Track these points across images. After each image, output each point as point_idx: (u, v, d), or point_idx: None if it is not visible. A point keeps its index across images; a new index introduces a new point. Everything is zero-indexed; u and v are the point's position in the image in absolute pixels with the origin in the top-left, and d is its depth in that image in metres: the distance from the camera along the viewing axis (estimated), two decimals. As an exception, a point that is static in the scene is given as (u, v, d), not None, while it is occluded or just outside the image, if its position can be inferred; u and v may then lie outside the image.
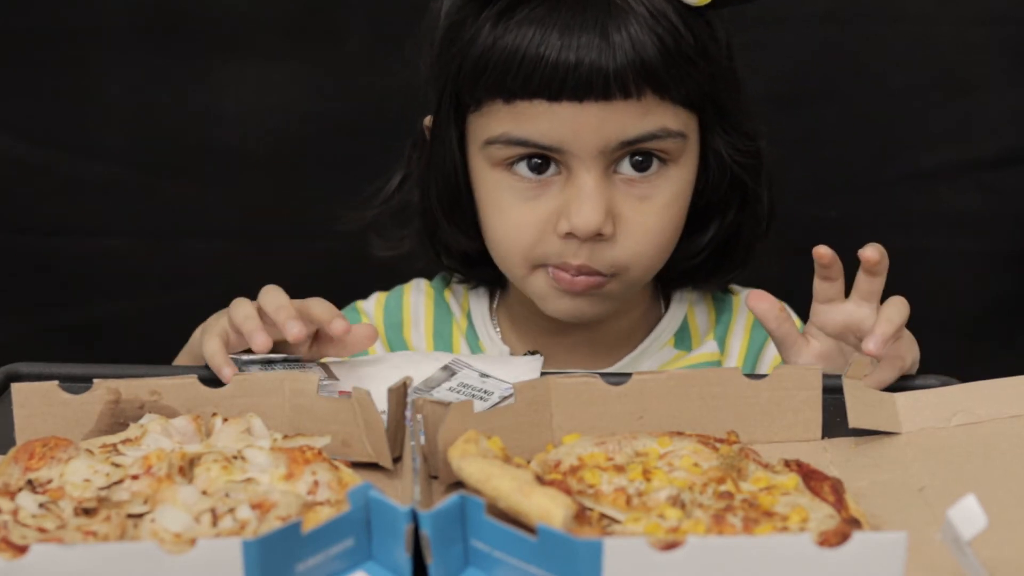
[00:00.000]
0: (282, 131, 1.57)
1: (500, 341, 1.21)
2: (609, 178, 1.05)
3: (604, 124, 1.02)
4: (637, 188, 1.06)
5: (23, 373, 1.02)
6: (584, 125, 1.02)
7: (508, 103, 1.03)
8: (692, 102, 1.06)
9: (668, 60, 1.02)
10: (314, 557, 0.77)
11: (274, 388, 0.93)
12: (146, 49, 1.54)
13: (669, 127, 1.04)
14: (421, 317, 1.23)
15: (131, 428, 0.90)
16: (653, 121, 1.03)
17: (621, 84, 1.01)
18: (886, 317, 0.95)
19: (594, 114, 1.02)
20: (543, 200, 1.06)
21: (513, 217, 1.07)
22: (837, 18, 1.51)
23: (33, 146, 1.57)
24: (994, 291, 1.59)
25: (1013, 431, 0.92)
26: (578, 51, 1.00)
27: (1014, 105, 1.52)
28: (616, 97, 1.01)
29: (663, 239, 1.09)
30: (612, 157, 1.04)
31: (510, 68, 1.02)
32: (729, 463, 0.85)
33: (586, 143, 1.03)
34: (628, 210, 1.06)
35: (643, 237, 1.07)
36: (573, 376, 0.92)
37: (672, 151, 1.06)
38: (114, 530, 0.78)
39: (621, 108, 1.02)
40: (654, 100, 1.03)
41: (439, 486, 0.87)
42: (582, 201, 1.04)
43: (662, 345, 1.20)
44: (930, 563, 0.78)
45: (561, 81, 1.00)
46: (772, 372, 0.93)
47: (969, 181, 1.55)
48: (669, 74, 1.02)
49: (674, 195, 1.08)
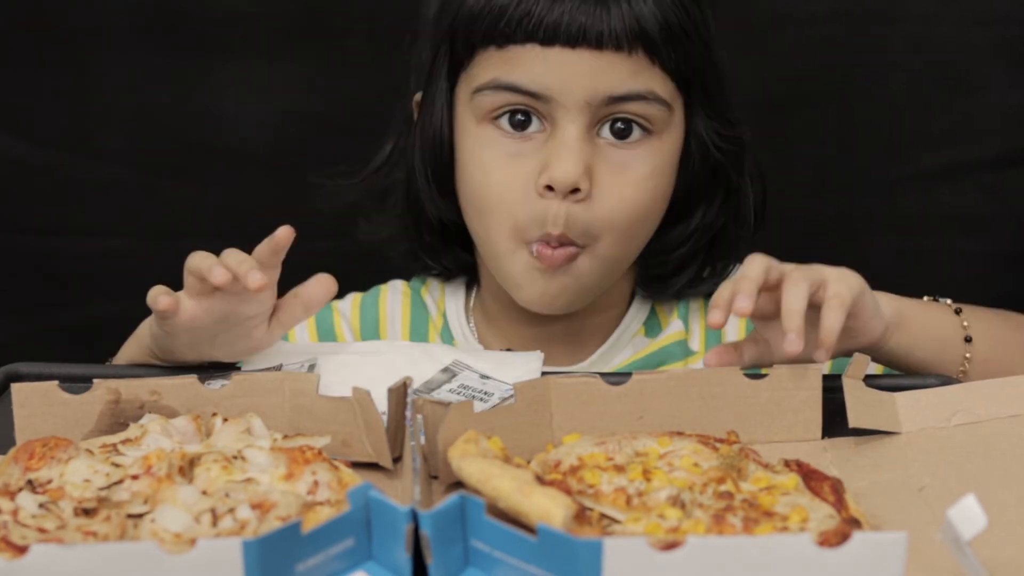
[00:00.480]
0: (282, 131, 1.57)
1: (475, 340, 1.21)
2: (591, 138, 1.06)
3: (594, 74, 1.03)
4: (617, 154, 1.06)
5: (23, 373, 1.02)
6: (574, 73, 1.03)
7: (501, 48, 1.05)
8: (681, 75, 1.07)
9: (663, 26, 1.03)
10: (314, 557, 0.77)
11: (274, 388, 0.93)
12: (146, 49, 1.54)
13: (657, 92, 1.05)
14: (397, 316, 1.24)
15: (131, 428, 0.90)
16: (642, 81, 1.04)
17: (615, 37, 1.02)
18: (827, 326, 0.93)
19: (586, 62, 1.03)
20: (525, 157, 1.06)
21: (496, 174, 1.08)
22: (837, 18, 1.51)
23: (33, 146, 1.57)
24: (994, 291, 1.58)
25: (1013, 431, 0.92)
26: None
27: (1014, 105, 1.52)
28: (608, 48, 1.03)
29: (638, 211, 1.08)
30: (597, 115, 1.05)
31: (506, 12, 1.03)
32: (729, 463, 0.85)
33: (574, 92, 1.04)
34: (606, 174, 1.06)
35: (618, 204, 1.07)
36: (573, 376, 0.92)
37: (656, 120, 1.06)
38: (114, 530, 0.78)
39: (612, 61, 1.03)
40: (645, 61, 1.04)
41: (439, 486, 0.87)
42: (562, 153, 1.04)
43: (633, 335, 1.20)
44: (930, 563, 0.78)
45: (555, 26, 1.02)
46: (772, 372, 0.93)
47: (969, 181, 1.55)
48: (662, 39, 1.03)
49: (654, 168, 1.08)
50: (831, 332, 0.93)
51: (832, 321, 0.93)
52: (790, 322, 0.92)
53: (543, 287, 1.09)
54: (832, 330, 0.93)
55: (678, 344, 1.20)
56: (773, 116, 1.26)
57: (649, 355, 1.19)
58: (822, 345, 0.93)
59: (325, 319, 1.24)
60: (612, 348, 1.19)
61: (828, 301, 0.94)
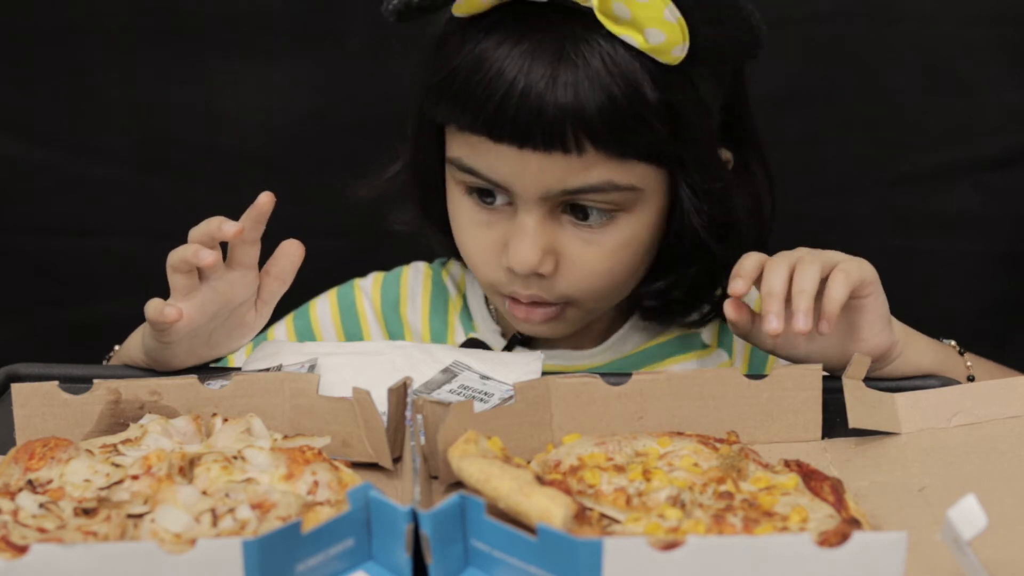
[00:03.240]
0: (282, 131, 1.57)
1: (493, 322, 1.21)
2: (555, 218, 1.04)
3: (544, 172, 1.01)
4: (583, 232, 1.05)
5: (23, 373, 1.02)
6: (524, 170, 1.01)
7: (460, 131, 1.04)
8: (652, 157, 1.03)
9: (614, 118, 0.99)
10: (314, 557, 0.77)
11: (274, 388, 0.93)
12: (146, 49, 1.54)
13: (616, 181, 1.02)
14: (418, 295, 1.24)
15: (131, 428, 0.90)
16: (597, 175, 1.01)
17: (560, 138, 0.99)
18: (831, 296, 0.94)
19: (535, 161, 1.00)
20: (493, 228, 1.06)
21: (469, 239, 1.08)
22: (837, 18, 1.51)
23: (33, 146, 1.57)
24: (993, 291, 1.59)
25: (1013, 431, 0.92)
26: (520, 98, 0.98)
27: (1014, 105, 1.52)
28: (556, 150, 1.00)
29: (612, 279, 1.07)
30: (556, 201, 1.03)
31: (459, 100, 1.01)
32: (729, 463, 0.85)
33: (527, 187, 1.02)
34: (573, 250, 1.05)
35: (589, 276, 1.06)
36: (573, 376, 0.92)
37: (621, 203, 1.04)
38: (114, 530, 0.78)
39: (562, 160, 1.00)
40: (598, 155, 1.01)
41: (439, 486, 0.87)
42: (519, 240, 1.03)
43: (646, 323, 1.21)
44: (930, 563, 0.78)
45: (502, 124, 1.00)
46: (772, 372, 0.94)
47: (969, 181, 1.55)
48: (614, 133, 0.99)
49: (625, 240, 1.06)
50: (835, 302, 0.94)
51: (836, 292, 0.94)
52: (799, 301, 0.93)
53: (531, 328, 1.11)
54: (835, 300, 0.94)
55: (693, 336, 1.20)
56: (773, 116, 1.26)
57: (663, 344, 1.19)
58: (825, 316, 0.94)
59: (347, 296, 1.24)
60: (624, 336, 1.20)
61: (833, 275, 0.95)
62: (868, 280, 0.97)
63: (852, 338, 0.99)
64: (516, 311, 1.08)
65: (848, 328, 0.99)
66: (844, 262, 0.96)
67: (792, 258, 0.96)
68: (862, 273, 0.97)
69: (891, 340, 1.00)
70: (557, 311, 1.08)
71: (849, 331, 0.99)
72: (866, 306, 0.98)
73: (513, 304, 1.08)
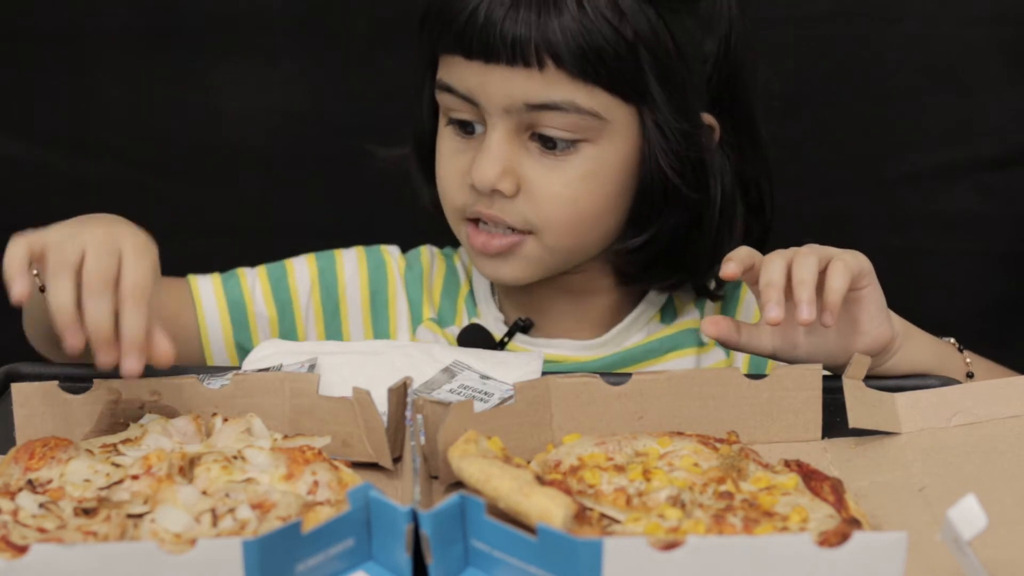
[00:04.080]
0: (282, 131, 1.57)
1: (496, 309, 1.23)
2: (520, 142, 1.09)
3: (508, 84, 1.06)
4: (547, 159, 1.09)
5: (23, 373, 1.02)
6: (490, 83, 1.07)
7: (441, 55, 1.11)
8: (616, 88, 1.07)
9: (580, 45, 1.04)
10: (314, 557, 0.77)
11: (274, 388, 0.93)
12: (146, 49, 1.54)
13: (578, 103, 1.06)
14: (433, 274, 1.26)
15: (131, 428, 0.90)
16: (561, 93, 1.06)
17: (522, 54, 1.05)
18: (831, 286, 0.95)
19: (501, 74, 1.06)
20: (462, 155, 1.11)
21: (443, 167, 1.13)
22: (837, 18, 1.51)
23: (33, 146, 1.57)
24: (993, 291, 1.59)
25: (1013, 431, 0.92)
26: (486, 16, 1.05)
27: (1014, 105, 1.52)
28: (518, 64, 1.05)
29: (576, 209, 1.10)
30: (523, 120, 1.08)
31: (439, 22, 1.09)
32: (729, 463, 0.85)
33: (492, 99, 1.07)
34: (535, 175, 1.09)
35: (551, 202, 1.09)
36: (573, 376, 0.92)
37: (584, 129, 1.07)
38: (114, 530, 0.78)
39: (527, 74, 1.06)
40: (563, 75, 1.05)
41: (439, 486, 0.87)
42: (483, 156, 1.08)
43: (648, 319, 1.21)
44: (930, 563, 0.78)
45: (470, 41, 1.06)
46: (772, 372, 0.94)
47: (969, 181, 1.55)
48: (575, 54, 1.05)
49: (589, 171, 1.09)
50: (836, 292, 0.95)
51: (836, 282, 0.95)
52: (801, 292, 0.94)
53: (491, 266, 1.13)
54: (837, 290, 0.95)
55: (692, 332, 1.21)
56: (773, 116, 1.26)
57: (663, 339, 1.20)
58: (827, 307, 0.95)
59: (375, 256, 1.25)
60: (626, 330, 1.20)
61: (832, 265, 0.96)
62: (865, 271, 0.98)
63: (853, 331, 1.00)
64: (475, 239, 1.11)
65: (849, 321, 1.00)
66: (840, 254, 0.97)
67: (787, 252, 0.98)
68: (859, 264, 0.98)
69: (892, 332, 1.01)
70: (514, 242, 1.10)
71: (850, 324, 1.00)
72: (865, 297, 0.99)
73: (473, 231, 1.12)
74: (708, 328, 1.01)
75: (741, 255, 0.98)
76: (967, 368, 1.08)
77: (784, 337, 1.01)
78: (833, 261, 0.97)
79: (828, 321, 0.95)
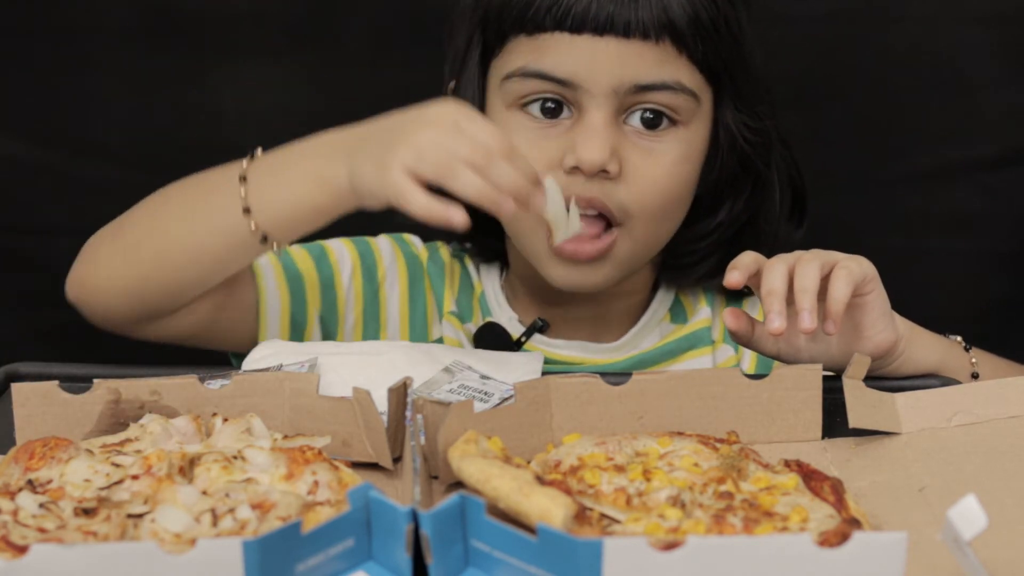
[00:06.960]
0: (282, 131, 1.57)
1: (509, 308, 1.22)
2: (618, 125, 1.07)
3: (621, 62, 1.04)
4: (645, 140, 1.08)
5: (23, 373, 1.02)
6: (601, 60, 1.04)
7: (531, 36, 1.06)
8: (710, 67, 1.08)
9: (691, 19, 1.04)
10: (314, 557, 0.77)
11: (274, 388, 0.93)
12: (146, 49, 1.54)
13: (684, 82, 1.06)
14: (453, 270, 1.25)
15: (131, 428, 0.90)
16: (669, 71, 1.06)
17: (642, 26, 1.03)
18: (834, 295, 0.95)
19: (613, 50, 1.04)
20: (551, 140, 1.08)
21: None
22: (838, 18, 1.51)
23: (33, 146, 1.57)
24: (993, 291, 1.59)
25: (1013, 431, 0.92)
26: None
27: (1014, 105, 1.52)
28: (635, 36, 1.04)
29: (669, 195, 1.09)
30: (624, 102, 1.06)
31: (519, 5, 1.05)
32: (729, 463, 0.85)
33: (600, 79, 1.05)
34: (635, 158, 1.07)
35: (651, 186, 1.08)
36: (573, 376, 0.92)
37: (683, 110, 1.07)
38: (114, 530, 0.78)
39: (639, 50, 1.04)
40: (672, 51, 1.05)
41: (439, 486, 0.87)
42: (589, 136, 1.05)
43: (659, 320, 1.21)
44: (930, 563, 0.78)
45: (583, 14, 1.03)
46: (772, 372, 0.94)
47: (969, 181, 1.55)
48: (690, 30, 1.05)
49: (683, 155, 1.09)
50: (838, 302, 0.94)
51: (839, 291, 0.94)
52: (803, 300, 0.93)
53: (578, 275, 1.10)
54: (839, 299, 0.94)
55: (706, 330, 1.21)
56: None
57: (679, 339, 1.20)
58: (829, 316, 0.94)
59: (404, 245, 1.24)
60: (640, 332, 1.20)
61: (835, 272, 0.95)
62: (869, 277, 0.98)
63: (856, 337, 0.99)
64: (565, 246, 1.06)
65: (852, 327, 0.99)
66: (844, 260, 0.97)
67: (790, 258, 0.97)
68: (863, 270, 0.97)
69: (895, 336, 1.01)
70: (607, 245, 1.08)
71: (853, 330, 0.99)
72: (868, 303, 0.98)
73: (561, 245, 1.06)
74: (729, 320, 1.00)
75: (746, 261, 0.98)
76: (972, 368, 1.08)
77: (787, 342, 1.01)
78: (836, 268, 0.96)
79: (830, 329, 0.94)
